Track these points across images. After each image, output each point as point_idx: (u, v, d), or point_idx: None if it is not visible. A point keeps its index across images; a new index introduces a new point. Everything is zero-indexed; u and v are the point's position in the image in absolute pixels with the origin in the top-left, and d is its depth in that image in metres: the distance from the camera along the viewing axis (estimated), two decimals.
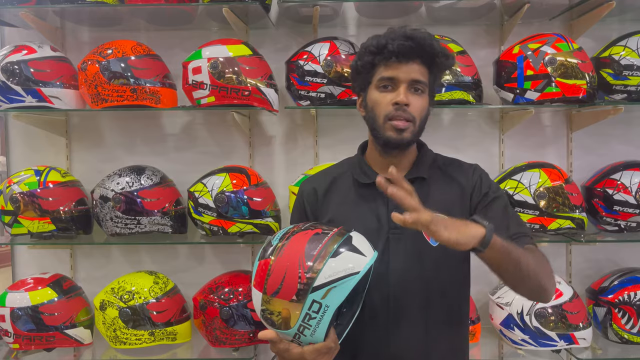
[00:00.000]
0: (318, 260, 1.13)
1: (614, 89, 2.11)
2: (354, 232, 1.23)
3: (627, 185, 2.08)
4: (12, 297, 2.10)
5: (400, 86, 1.30)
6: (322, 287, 1.12)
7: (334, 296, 1.12)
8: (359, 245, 1.18)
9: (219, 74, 2.04)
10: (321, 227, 1.23)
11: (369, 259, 1.17)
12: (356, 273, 1.13)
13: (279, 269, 1.16)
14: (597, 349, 2.14)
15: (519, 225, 1.38)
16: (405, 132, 1.31)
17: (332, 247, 1.15)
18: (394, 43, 1.28)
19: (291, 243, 1.18)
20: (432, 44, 1.30)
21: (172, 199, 2.19)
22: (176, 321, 2.13)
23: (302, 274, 1.13)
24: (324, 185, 1.45)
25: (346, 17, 2.41)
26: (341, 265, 1.13)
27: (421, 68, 1.31)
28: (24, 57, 2.10)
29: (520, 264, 1.18)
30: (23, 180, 2.14)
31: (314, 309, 1.13)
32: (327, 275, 1.12)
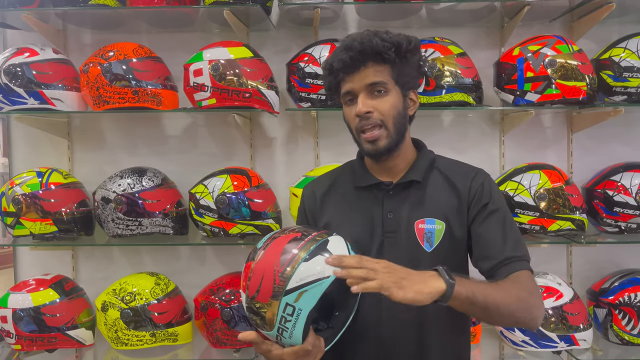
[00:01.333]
0: (291, 264, 1.15)
1: (614, 90, 2.11)
2: (334, 236, 1.23)
3: (628, 186, 2.08)
4: (14, 298, 2.10)
5: (358, 97, 1.29)
6: (294, 290, 1.13)
7: (306, 300, 1.13)
8: (334, 249, 1.18)
9: (220, 76, 2.04)
10: (303, 231, 1.23)
11: None
12: (326, 277, 1.13)
13: (257, 272, 1.19)
14: (597, 350, 2.14)
15: (515, 246, 1.30)
16: (379, 141, 1.29)
17: (305, 251, 1.16)
18: (336, 59, 1.29)
19: (270, 247, 1.21)
20: (373, 44, 1.26)
21: (173, 201, 2.19)
22: (177, 322, 2.13)
23: (277, 278, 1.15)
24: (323, 189, 1.46)
25: (347, 19, 2.41)
26: (312, 269, 1.14)
27: (377, 68, 1.28)
28: (26, 59, 2.11)
29: (487, 309, 1.13)
30: (25, 181, 2.15)
31: (288, 312, 1.14)
32: (298, 279, 1.13)
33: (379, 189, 1.37)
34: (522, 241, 1.34)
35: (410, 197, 1.35)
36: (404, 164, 1.38)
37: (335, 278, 1.12)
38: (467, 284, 1.10)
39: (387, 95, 1.29)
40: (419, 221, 1.32)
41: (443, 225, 1.32)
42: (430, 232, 1.32)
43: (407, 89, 1.34)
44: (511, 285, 1.22)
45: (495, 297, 1.14)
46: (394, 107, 1.30)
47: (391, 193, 1.35)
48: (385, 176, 1.38)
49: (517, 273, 1.26)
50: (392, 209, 1.34)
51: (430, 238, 1.32)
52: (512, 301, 1.17)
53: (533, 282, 1.28)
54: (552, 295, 2.06)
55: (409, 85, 1.35)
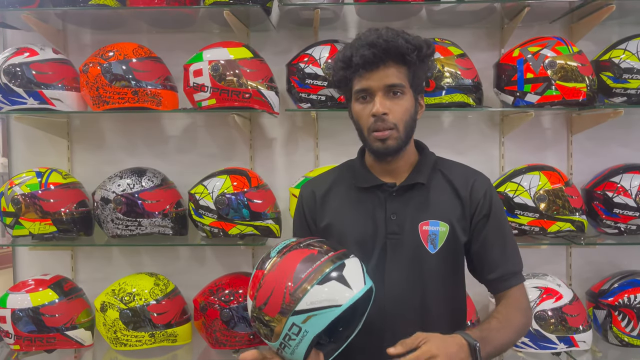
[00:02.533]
0: (304, 285, 1.11)
1: (613, 92, 2.11)
2: (351, 259, 1.20)
3: (627, 188, 2.08)
4: (13, 298, 2.10)
5: (375, 96, 1.28)
6: (303, 312, 1.10)
7: (314, 323, 1.11)
8: (350, 276, 1.14)
9: (220, 76, 2.04)
10: (319, 247, 1.20)
11: (355, 292, 1.13)
12: (338, 306, 1.10)
13: (268, 284, 1.16)
14: (597, 352, 2.14)
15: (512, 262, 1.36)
16: (389, 140, 1.29)
17: (320, 274, 1.12)
18: (358, 54, 1.26)
19: (285, 260, 1.17)
20: (398, 44, 1.24)
21: (172, 201, 2.19)
22: (176, 323, 2.13)
23: (287, 295, 1.12)
24: (323, 189, 1.44)
25: (347, 20, 2.41)
26: (324, 295, 1.11)
27: (396, 68, 1.27)
28: (26, 59, 2.11)
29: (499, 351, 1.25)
30: (24, 182, 2.15)
31: (293, 331, 1.12)
32: (309, 302, 1.10)
33: (381, 190, 1.36)
34: (518, 250, 1.40)
35: (414, 199, 1.34)
36: (406, 166, 1.38)
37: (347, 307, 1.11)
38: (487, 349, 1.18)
39: (403, 98, 1.29)
40: (423, 223, 1.32)
41: (447, 227, 1.32)
42: (435, 234, 1.32)
43: (418, 93, 1.35)
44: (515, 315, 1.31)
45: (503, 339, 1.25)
46: (407, 111, 1.30)
47: (394, 194, 1.35)
48: (387, 177, 1.38)
49: (513, 290, 1.34)
50: (396, 211, 1.34)
51: (435, 240, 1.32)
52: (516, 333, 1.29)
53: (525, 296, 1.37)
54: (551, 296, 2.06)
55: (420, 88, 1.35)
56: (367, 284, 1.17)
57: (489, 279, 1.36)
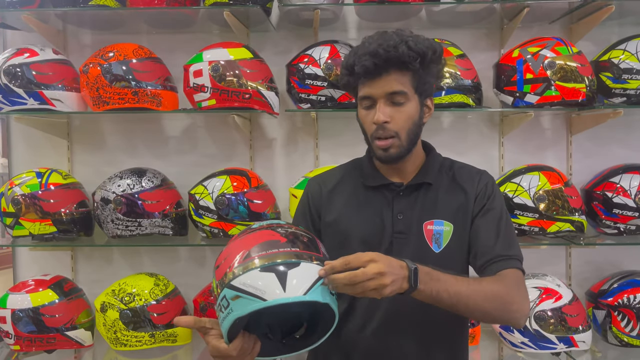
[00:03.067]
0: (248, 264, 1.06)
1: (613, 92, 2.12)
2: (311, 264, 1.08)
3: (627, 188, 2.08)
4: (13, 298, 2.10)
5: (377, 103, 1.27)
6: (234, 289, 1.04)
7: (238, 305, 1.04)
8: (293, 279, 1.04)
9: (220, 77, 2.04)
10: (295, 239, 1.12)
11: (286, 296, 1.02)
12: (262, 299, 1.01)
13: (228, 249, 1.12)
14: (596, 352, 2.14)
15: (507, 245, 1.30)
16: (391, 149, 1.29)
17: (268, 260, 1.05)
18: (360, 63, 1.25)
19: (255, 234, 1.13)
20: (399, 53, 1.22)
21: (172, 201, 2.19)
22: None
23: (232, 266, 1.07)
24: (330, 185, 1.44)
25: (347, 20, 2.42)
26: (257, 283, 1.03)
27: (399, 75, 1.26)
28: (26, 59, 2.11)
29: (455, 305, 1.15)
30: (24, 182, 2.15)
31: (223, 304, 1.06)
32: (242, 282, 1.04)
33: (388, 189, 1.37)
34: (516, 242, 1.34)
35: (420, 199, 1.35)
36: (413, 166, 1.38)
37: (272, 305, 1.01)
38: (433, 283, 1.12)
39: (406, 106, 1.28)
40: (427, 222, 1.32)
41: (451, 227, 1.32)
42: (439, 234, 1.32)
43: (425, 97, 1.34)
44: (490, 283, 1.22)
45: (464, 295, 1.15)
46: (410, 118, 1.29)
47: (401, 194, 1.35)
48: (395, 177, 1.38)
49: (505, 271, 1.26)
50: (402, 210, 1.34)
51: (439, 239, 1.32)
52: (485, 298, 1.18)
53: (519, 280, 1.27)
54: (551, 296, 2.06)
55: (427, 92, 1.34)
56: (308, 296, 1.03)
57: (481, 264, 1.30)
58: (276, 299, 1.02)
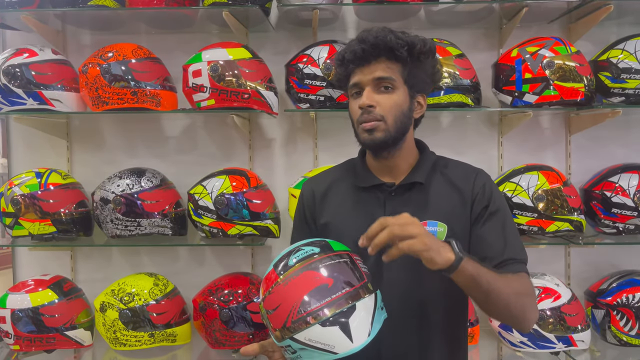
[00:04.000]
0: (307, 318, 1.08)
1: (612, 92, 2.12)
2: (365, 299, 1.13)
3: (625, 187, 2.09)
4: (12, 298, 2.11)
5: (364, 89, 1.29)
6: (300, 343, 1.09)
7: (307, 355, 1.10)
8: (355, 326, 1.09)
9: (219, 77, 2.05)
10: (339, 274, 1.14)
11: (354, 346, 1.08)
12: (334, 353, 1.08)
13: (277, 296, 1.13)
14: (595, 351, 2.14)
15: (514, 248, 1.31)
16: (376, 132, 1.28)
17: (325, 315, 1.08)
18: (349, 50, 1.29)
19: (299, 279, 1.13)
20: (387, 40, 1.26)
21: (172, 201, 2.20)
22: (176, 323, 2.14)
23: (290, 320, 1.09)
24: (323, 188, 1.44)
25: (345, 20, 2.42)
26: (323, 338, 1.08)
27: (387, 64, 1.28)
28: (26, 60, 2.11)
29: (489, 294, 1.17)
30: (24, 182, 2.15)
31: (290, 350, 1.12)
32: (307, 337, 1.08)
33: (380, 190, 1.36)
34: (521, 243, 1.35)
35: (413, 199, 1.34)
36: (406, 165, 1.38)
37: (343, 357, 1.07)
38: (474, 263, 1.14)
39: (393, 93, 1.29)
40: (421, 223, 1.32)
41: (445, 227, 1.31)
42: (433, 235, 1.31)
43: (416, 91, 1.34)
44: (513, 280, 1.24)
45: (498, 284, 1.17)
46: (398, 105, 1.29)
47: (393, 194, 1.35)
48: (387, 177, 1.37)
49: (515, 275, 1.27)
50: (395, 211, 1.32)
51: None
52: (512, 294, 1.20)
53: (531, 285, 1.30)
54: (550, 296, 2.06)
55: (418, 87, 1.34)
56: (371, 334, 1.11)
57: None
58: (347, 351, 1.07)
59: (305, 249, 1.20)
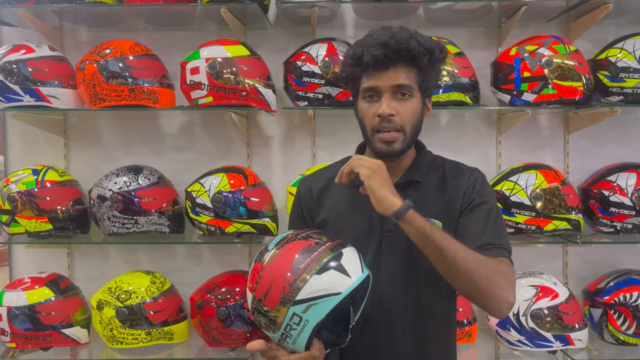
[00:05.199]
0: (303, 275, 1.14)
1: (610, 91, 2.12)
2: (348, 248, 1.22)
3: (623, 187, 2.09)
4: (9, 296, 2.10)
5: (382, 96, 1.27)
6: (303, 302, 1.13)
7: (314, 312, 1.13)
8: (348, 264, 1.17)
9: (217, 74, 2.04)
10: (316, 239, 1.22)
11: (353, 280, 1.15)
12: (337, 294, 1.13)
13: (267, 277, 1.18)
14: (592, 350, 2.14)
15: (496, 237, 1.27)
16: (395, 143, 1.28)
17: (318, 263, 1.15)
18: (369, 53, 1.24)
19: (283, 252, 1.19)
20: (410, 46, 1.23)
21: (169, 199, 2.19)
22: (173, 321, 2.13)
23: (287, 286, 1.14)
24: (320, 185, 1.45)
25: (344, 18, 2.41)
26: (324, 284, 1.13)
27: (406, 70, 1.26)
28: (22, 56, 2.10)
29: (443, 252, 1.15)
30: (21, 179, 2.14)
31: (294, 321, 1.14)
32: (309, 292, 1.13)
33: None
34: (505, 234, 1.32)
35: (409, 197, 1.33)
36: (404, 164, 1.38)
37: (347, 294, 1.13)
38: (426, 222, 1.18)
39: (411, 100, 1.28)
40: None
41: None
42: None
43: (427, 96, 1.34)
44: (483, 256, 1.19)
45: (455, 248, 1.16)
46: (415, 113, 1.29)
47: None
48: None
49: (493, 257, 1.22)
50: None
51: None
52: (474, 262, 1.16)
53: (507, 268, 1.23)
54: (547, 295, 2.06)
55: (429, 91, 1.34)
56: (364, 271, 1.19)
57: None
58: (348, 287, 1.14)
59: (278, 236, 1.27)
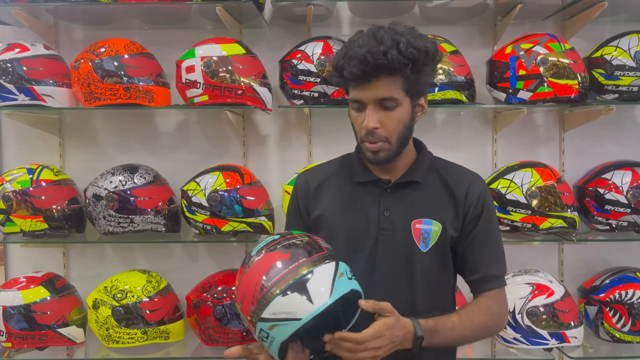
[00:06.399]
0: (267, 294, 1.12)
1: (605, 89, 2.12)
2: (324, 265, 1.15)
3: (619, 184, 2.09)
4: (4, 295, 2.09)
5: (366, 109, 1.25)
6: (267, 321, 1.11)
7: (278, 332, 1.11)
8: (314, 288, 1.11)
9: (213, 72, 2.03)
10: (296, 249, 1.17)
11: (315, 307, 1.09)
12: (298, 319, 1.09)
13: (242, 286, 1.18)
14: (588, 348, 2.15)
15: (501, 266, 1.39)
16: (380, 153, 1.28)
17: (284, 284, 1.11)
18: (349, 68, 1.20)
19: (260, 262, 1.17)
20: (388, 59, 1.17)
21: (165, 198, 2.18)
22: (169, 320, 2.13)
23: (254, 301, 1.13)
24: (317, 180, 1.44)
25: (340, 16, 2.41)
26: (285, 307, 1.10)
27: (389, 81, 1.22)
28: (17, 55, 2.09)
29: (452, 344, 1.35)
30: (15, 178, 2.13)
31: (263, 335, 1.14)
32: (271, 312, 1.11)
33: (376, 185, 1.37)
34: (503, 254, 1.41)
35: (408, 197, 1.35)
36: (403, 164, 1.38)
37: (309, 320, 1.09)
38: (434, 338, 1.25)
39: (396, 110, 1.25)
40: (416, 221, 1.32)
41: (439, 226, 1.32)
42: (427, 233, 1.32)
43: (419, 96, 1.31)
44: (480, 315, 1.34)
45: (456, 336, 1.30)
46: (401, 122, 1.27)
47: (389, 191, 1.35)
48: (383, 174, 1.37)
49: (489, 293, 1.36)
50: (389, 207, 1.34)
51: (427, 239, 1.32)
52: (473, 334, 1.34)
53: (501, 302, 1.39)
54: (543, 292, 2.07)
55: (420, 92, 1.31)
56: (333, 296, 1.11)
57: (470, 280, 1.39)
58: (309, 314, 1.09)
59: (267, 238, 1.24)
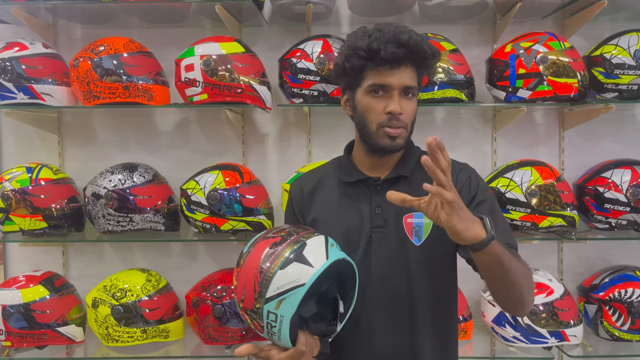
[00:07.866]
0: (269, 272, 1.16)
1: (605, 87, 2.12)
2: (314, 238, 1.23)
3: (618, 183, 2.09)
4: (3, 294, 2.09)
5: (393, 94, 1.28)
6: (273, 298, 1.15)
7: (285, 307, 1.15)
8: (310, 254, 1.18)
9: (212, 71, 2.03)
10: (283, 235, 1.23)
11: (315, 269, 1.16)
12: (302, 285, 1.14)
13: (241, 279, 1.21)
14: (587, 346, 2.15)
15: (506, 235, 1.33)
16: (399, 139, 1.31)
17: (281, 258, 1.17)
18: (387, 50, 1.24)
19: (252, 253, 1.22)
20: (424, 49, 1.27)
21: (164, 197, 2.18)
22: (169, 319, 2.13)
23: (257, 286, 1.17)
24: (310, 185, 1.47)
25: (339, 15, 2.41)
26: (288, 277, 1.15)
27: (412, 71, 1.30)
28: (16, 53, 2.09)
29: (509, 273, 1.18)
30: (14, 177, 2.13)
31: (271, 319, 1.16)
32: (275, 287, 1.15)
33: (366, 184, 1.39)
34: (510, 230, 1.39)
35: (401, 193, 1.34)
36: (392, 161, 1.40)
37: (312, 284, 1.14)
38: (499, 245, 1.15)
39: (413, 100, 1.33)
40: (407, 216, 1.34)
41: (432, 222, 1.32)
42: (419, 227, 1.33)
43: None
44: (524, 265, 1.27)
45: (516, 266, 1.20)
46: (414, 113, 1.34)
47: (379, 188, 1.37)
48: (373, 172, 1.39)
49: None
50: (380, 204, 1.35)
51: (419, 232, 1.33)
52: (524, 275, 1.24)
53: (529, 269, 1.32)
54: (542, 291, 2.07)
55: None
56: (330, 258, 1.19)
57: None
58: (312, 276, 1.14)
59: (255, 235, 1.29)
